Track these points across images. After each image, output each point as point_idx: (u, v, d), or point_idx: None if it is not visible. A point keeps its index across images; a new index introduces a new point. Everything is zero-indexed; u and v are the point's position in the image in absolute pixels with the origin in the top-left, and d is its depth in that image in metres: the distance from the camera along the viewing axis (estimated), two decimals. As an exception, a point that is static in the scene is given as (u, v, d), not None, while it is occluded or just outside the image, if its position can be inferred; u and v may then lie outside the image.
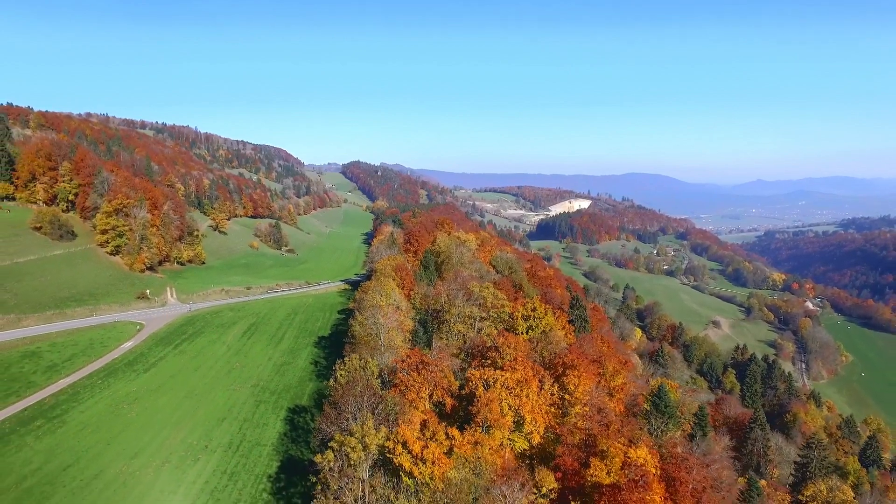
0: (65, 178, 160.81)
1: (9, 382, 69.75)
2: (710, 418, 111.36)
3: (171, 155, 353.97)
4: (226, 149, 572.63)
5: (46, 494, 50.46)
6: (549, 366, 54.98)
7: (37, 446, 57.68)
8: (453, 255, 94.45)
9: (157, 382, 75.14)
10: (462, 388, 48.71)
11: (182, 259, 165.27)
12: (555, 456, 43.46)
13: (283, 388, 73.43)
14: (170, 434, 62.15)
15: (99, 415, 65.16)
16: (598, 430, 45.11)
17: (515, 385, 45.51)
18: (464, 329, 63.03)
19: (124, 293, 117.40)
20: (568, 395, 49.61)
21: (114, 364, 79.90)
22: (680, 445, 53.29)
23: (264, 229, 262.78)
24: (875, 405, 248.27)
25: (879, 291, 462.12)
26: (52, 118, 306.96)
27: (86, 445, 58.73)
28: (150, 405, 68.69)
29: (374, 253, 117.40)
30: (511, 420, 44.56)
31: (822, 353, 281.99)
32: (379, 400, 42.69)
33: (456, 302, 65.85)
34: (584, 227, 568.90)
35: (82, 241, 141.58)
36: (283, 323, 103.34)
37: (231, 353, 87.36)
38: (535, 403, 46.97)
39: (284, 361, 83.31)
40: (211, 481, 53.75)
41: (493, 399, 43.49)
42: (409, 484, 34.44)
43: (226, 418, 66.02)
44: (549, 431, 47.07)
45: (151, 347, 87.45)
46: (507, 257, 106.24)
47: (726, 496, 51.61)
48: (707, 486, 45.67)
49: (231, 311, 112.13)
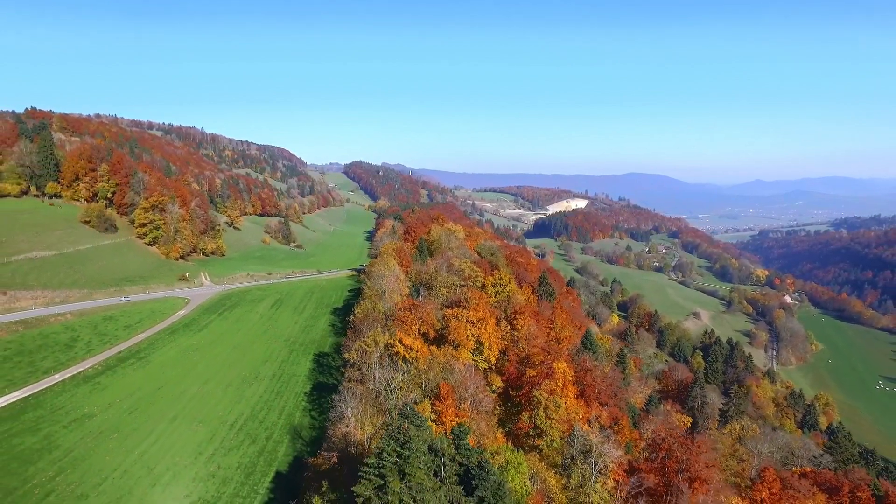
0: (103, 179, 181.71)
1: (101, 335, 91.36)
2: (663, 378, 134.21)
3: (183, 156, 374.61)
4: (231, 149, 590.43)
5: (150, 403, 71.94)
6: (507, 315, 76.24)
7: (135, 375, 79.25)
8: (444, 242, 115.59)
9: (210, 338, 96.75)
10: (442, 327, 69.75)
11: (207, 250, 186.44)
12: (503, 369, 64.56)
13: (309, 341, 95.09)
14: (228, 370, 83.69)
15: (173, 358, 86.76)
16: (534, 352, 66.16)
17: (477, 321, 66.57)
18: (447, 292, 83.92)
19: (167, 276, 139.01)
20: (516, 331, 70.69)
21: (174, 326, 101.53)
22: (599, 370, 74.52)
23: (274, 226, 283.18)
24: (836, 387, 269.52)
25: (859, 287, 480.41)
26: (72, 121, 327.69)
27: (169, 376, 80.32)
28: (208, 353, 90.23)
29: (378, 240, 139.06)
30: (473, 343, 65.60)
31: (791, 341, 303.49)
32: (384, 326, 63.63)
33: (441, 272, 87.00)
34: (579, 225, 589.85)
35: (123, 234, 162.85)
36: (304, 298, 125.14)
37: (264, 319, 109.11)
38: (491, 334, 67.94)
39: (308, 324, 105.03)
40: (264, 396, 75.35)
41: (460, 327, 64.63)
42: (403, 364, 55.48)
43: (267, 360, 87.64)
44: (501, 353, 68.20)
45: (200, 315, 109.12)
46: (489, 245, 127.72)
47: (620, 398, 72.99)
48: (605, 389, 66.89)
49: (258, 290, 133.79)
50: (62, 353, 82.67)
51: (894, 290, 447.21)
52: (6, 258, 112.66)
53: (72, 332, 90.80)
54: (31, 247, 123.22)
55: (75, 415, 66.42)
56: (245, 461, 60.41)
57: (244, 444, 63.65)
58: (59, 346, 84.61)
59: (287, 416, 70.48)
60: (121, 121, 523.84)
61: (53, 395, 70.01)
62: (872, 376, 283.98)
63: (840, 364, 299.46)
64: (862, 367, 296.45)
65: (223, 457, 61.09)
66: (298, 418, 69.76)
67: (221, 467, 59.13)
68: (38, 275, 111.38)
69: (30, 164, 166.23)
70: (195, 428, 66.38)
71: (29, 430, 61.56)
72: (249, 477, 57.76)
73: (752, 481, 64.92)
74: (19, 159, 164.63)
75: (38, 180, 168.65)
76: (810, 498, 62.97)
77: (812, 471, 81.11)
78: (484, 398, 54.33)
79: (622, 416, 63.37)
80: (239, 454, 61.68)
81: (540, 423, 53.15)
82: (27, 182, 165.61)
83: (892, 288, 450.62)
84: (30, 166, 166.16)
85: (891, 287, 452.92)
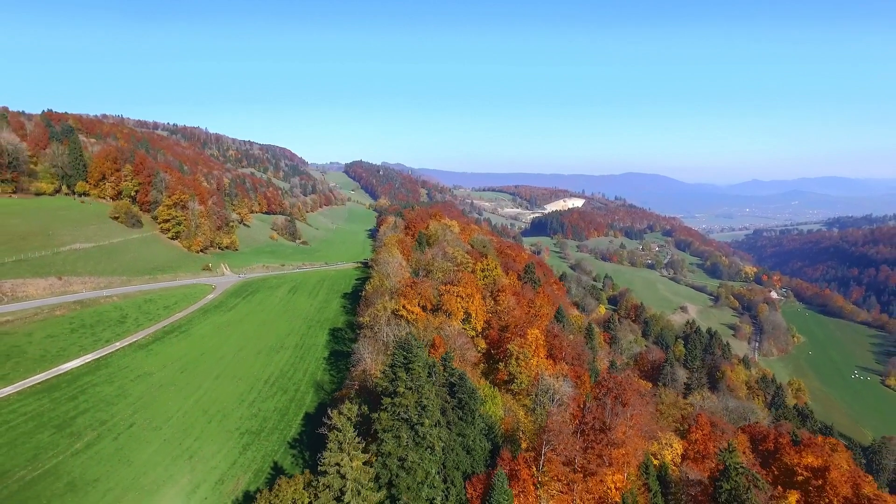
0: (127, 178, 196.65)
1: (145, 314, 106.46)
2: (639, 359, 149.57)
3: (192, 156, 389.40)
4: (235, 149, 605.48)
5: (196, 365, 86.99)
6: (492, 293, 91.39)
7: (179, 345, 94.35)
8: (441, 235, 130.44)
9: (238, 317, 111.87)
10: (437, 301, 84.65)
11: (222, 245, 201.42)
12: (487, 335, 79.60)
13: (325, 319, 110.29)
14: (257, 341, 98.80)
15: (209, 332, 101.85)
16: (511, 321, 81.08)
17: (466, 296, 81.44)
18: (442, 276, 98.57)
19: (192, 266, 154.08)
20: (498, 305, 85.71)
21: (206, 307, 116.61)
22: (566, 336, 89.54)
23: (280, 223, 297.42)
24: (813, 376, 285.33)
25: (845, 284, 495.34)
26: (87, 123, 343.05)
27: (208, 345, 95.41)
28: (238, 328, 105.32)
29: (382, 234, 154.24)
30: (462, 313, 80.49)
31: (773, 333, 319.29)
32: (390, 297, 78.57)
33: (437, 259, 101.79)
34: (574, 224, 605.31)
35: (148, 229, 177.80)
36: (316, 285, 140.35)
37: (283, 302, 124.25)
38: (477, 307, 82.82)
39: (322, 306, 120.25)
40: (290, 360, 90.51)
41: (452, 300, 79.56)
42: (405, 324, 70.40)
43: (289, 334, 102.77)
44: (486, 324, 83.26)
45: (227, 298, 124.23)
46: (482, 238, 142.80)
47: (583, 359, 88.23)
48: (570, 352, 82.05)
49: (274, 279, 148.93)
50: (116, 326, 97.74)
51: (878, 286, 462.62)
52: (56, 249, 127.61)
53: (120, 310, 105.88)
54: (73, 239, 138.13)
55: (138, 372, 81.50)
56: (279, 406, 75.51)
57: (277, 394, 78.76)
58: (113, 322, 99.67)
59: (310, 374, 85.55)
60: (127, 121, 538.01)
61: (118, 358, 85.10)
62: (849, 366, 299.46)
63: (819, 355, 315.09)
64: (839, 358, 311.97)
65: (261, 403, 76.20)
66: (320, 376, 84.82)
67: (261, 410, 74.22)
68: (83, 263, 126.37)
69: (61, 164, 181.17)
70: (236, 383, 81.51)
71: (106, 382, 76.66)
72: (284, 417, 72.83)
73: (689, 425, 80.00)
74: (52, 160, 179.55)
75: (68, 180, 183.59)
76: (735, 438, 78.08)
77: (750, 425, 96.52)
78: (469, 352, 69.19)
79: (584, 373, 78.35)
80: (274, 401, 76.79)
81: (512, 370, 68.04)
82: (59, 181, 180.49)
83: (876, 284, 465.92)
84: (61, 167, 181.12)
85: (874, 284, 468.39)
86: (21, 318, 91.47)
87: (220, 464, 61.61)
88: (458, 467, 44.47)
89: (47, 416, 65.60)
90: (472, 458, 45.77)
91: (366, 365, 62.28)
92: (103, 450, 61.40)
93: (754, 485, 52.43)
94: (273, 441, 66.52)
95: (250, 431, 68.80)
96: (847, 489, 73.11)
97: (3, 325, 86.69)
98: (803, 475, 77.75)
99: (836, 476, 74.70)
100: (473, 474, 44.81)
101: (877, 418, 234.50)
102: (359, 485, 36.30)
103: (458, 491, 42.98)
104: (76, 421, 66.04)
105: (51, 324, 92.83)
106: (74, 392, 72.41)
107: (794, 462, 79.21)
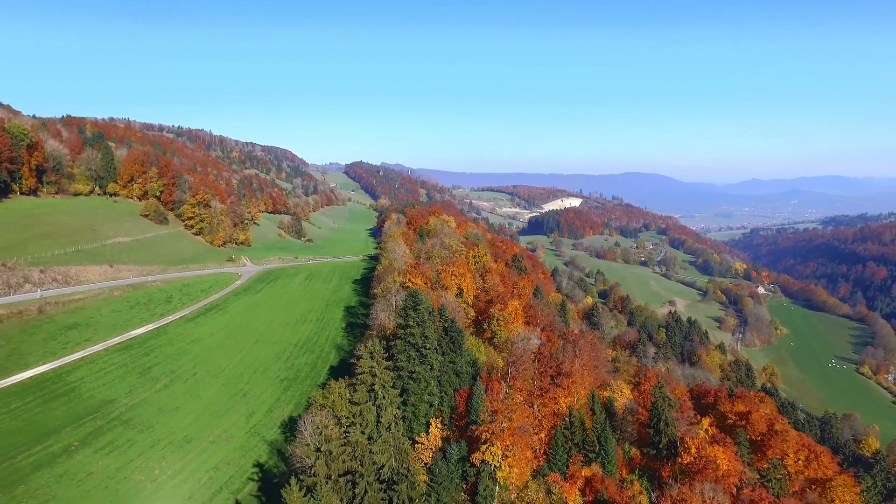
0: (153, 179, 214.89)
1: (187, 296, 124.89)
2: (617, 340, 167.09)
3: (201, 158, 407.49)
4: (238, 150, 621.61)
5: (237, 333, 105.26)
6: (481, 274, 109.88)
7: (220, 319, 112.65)
8: (439, 229, 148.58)
9: (265, 298, 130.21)
10: (436, 280, 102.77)
11: (238, 240, 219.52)
12: (476, 306, 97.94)
13: (340, 299, 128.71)
14: (283, 316, 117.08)
15: (243, 309, 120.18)
16: (496, 296, 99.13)
17: (459, 274, 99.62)
18: (440, 262, 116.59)
19: (217, 258, 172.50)
20: (485, 283, 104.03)
21: (236, 290, 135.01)
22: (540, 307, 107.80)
23: (287, 222, 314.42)
24: (793, 365, 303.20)
25: (834, 280, 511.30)
26: (101, 127, 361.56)
27: (243, 319, 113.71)
28: (266, 307, 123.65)
29: (387, 228, 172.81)
30: (456, 288, 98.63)
31: (757, 325, 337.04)
32: (398, 275, 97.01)
33: (436, 248, 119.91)
34: (570, 222, 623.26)
35: (174, 225, 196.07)
36: (329, 273, 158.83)
37: (302, 286, 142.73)
38: (469, 284, 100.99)
39: (336, 289, 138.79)
40: (314, 330, 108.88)
41: (448, 277, 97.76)
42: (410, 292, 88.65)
43: (311, 311, 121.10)
44: (475, 298, 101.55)
45: (252, 284, 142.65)
46: (475, 232, 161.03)
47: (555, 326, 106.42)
48: (543, 319, 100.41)
49: (291, 269, 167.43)
50: (165, 304, 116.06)
51: (864, 282, 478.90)
52: (102, 242, 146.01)
53: (165, 293, 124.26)
54: (115, 234, 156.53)
55: (191, 338, 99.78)
56: (309, 361, 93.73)
57: (306, 354, 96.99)
58: (161, 301, 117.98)
59: (332, 340, 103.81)
60: (133, 124, 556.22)
61: (173, 328, 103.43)
62: (827, 356, 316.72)
63: (800, 346, 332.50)
64: (819, 349, 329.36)
65: (294, 360, 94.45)
66: (340, 341, 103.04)
67: (295, 364, 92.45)
68: (127, 254, 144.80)
69: (95, 168, 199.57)
70: (272, 346, 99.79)
71: (167, 344, 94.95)
72: (314, 369, 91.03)
73: (640, 379, 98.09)
74: (87, 164, 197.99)
75: (100, 181, 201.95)
76: (678, 389, 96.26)
77: (697, 385, 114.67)
78: (460, 315, 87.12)
79: (553, 336, 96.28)
80: (304, 358, 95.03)
81: (494, 328, 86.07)
82: (93, 183, 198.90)
83: (863, 280, 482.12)
84: (95, 170, 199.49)
85: (861, 280, 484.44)
86: (88, 296, 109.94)
87: (267, 399, 79.88)
88: (450, 384, 62.41)
89: (131, 366, 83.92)
90: (460, 379, 63.69)
91: (381, 320, 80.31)
92: (177, 389, 79.68)
93: (669, 405, 70.40)
94: (307, 384, 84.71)
95: (288, 378, 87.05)
96: (763, 426, 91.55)
97: (77, 302, 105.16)
98: (732, 419, 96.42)
99: (756, 417, 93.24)
100: (462, 388, 62.91)
101: (846, 402, 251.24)
102: (384, 382, 53.50)
103: (449, 399, 60.89)
104: (152, 370, 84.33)
105: (112, 302, 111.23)
106: (146, 350, 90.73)
107: (727, 409, 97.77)
